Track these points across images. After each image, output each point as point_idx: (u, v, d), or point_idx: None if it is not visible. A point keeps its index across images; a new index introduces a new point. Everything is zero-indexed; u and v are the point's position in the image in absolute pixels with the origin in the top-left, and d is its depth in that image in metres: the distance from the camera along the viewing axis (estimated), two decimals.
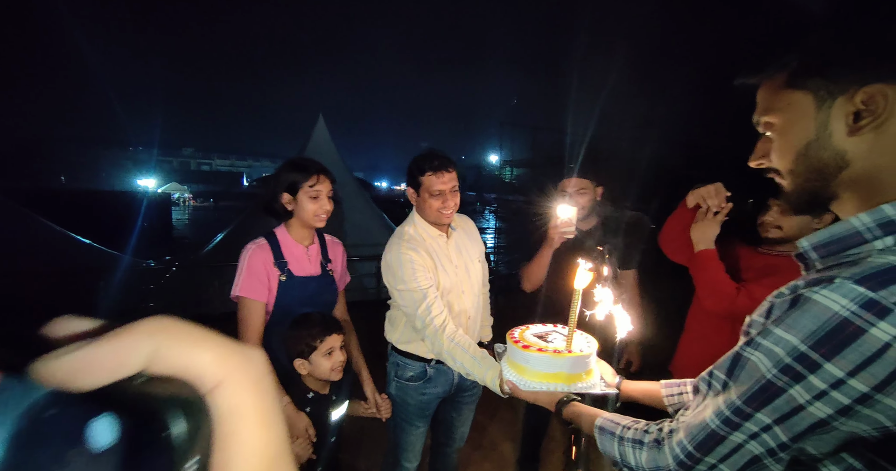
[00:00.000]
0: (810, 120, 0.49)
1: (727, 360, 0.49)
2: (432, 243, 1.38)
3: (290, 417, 1.10)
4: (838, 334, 0.40)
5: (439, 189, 1.29)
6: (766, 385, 0.44)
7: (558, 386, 0.74)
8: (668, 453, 0.51)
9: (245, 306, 1.19)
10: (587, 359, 0.76)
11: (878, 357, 0.38)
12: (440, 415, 1.56)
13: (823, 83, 0.47)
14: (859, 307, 0.39)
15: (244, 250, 1.22)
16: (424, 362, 1.41)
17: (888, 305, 0.38)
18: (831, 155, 0.48)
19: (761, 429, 0.44)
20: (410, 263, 1.26)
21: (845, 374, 0.39)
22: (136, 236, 9.06)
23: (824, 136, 0.48)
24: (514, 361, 0.78)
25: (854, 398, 0.39)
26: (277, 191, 1.23)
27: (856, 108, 0.46)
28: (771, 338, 0.44)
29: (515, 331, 0.83)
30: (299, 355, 1.15)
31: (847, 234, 0.47)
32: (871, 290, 0.39)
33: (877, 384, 0.38)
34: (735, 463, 0.46)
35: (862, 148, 0.47)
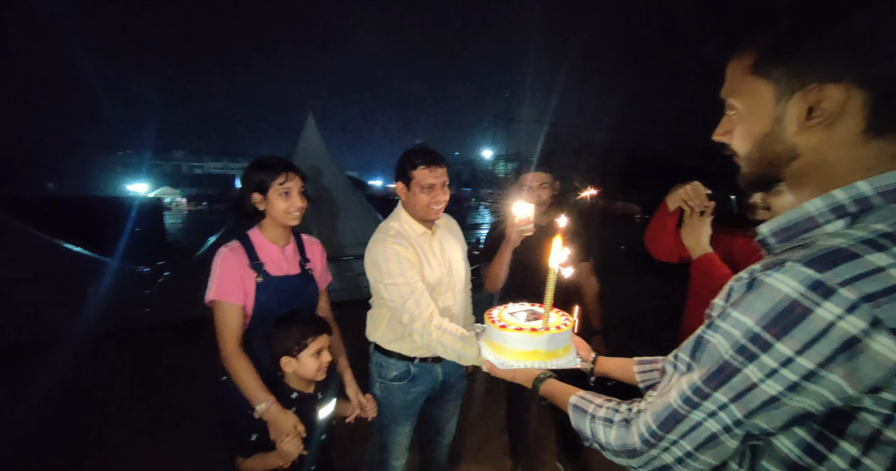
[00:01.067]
0: (767, 111, 0.51)
1: (690, 343, 0.52)
2: (417, 239, 1.37)
3: (277, 416, 1.11)
4: (788, 315, 0.41)
5: (430, 183, 1.29)
6: (723, 366, 0.46)
7: (535, 363, 0.75)
8: (635, 432, 0.54)
9: (221, 310, 1.18)
10: (563, 336, 0.77)
11: (823, 336, 0.40)
12: (425, 413, 1.55)
13: (785, 75, 0.49)
14: (806, 288, 0.41)
15: (217, 254, 1.21)
16: (408, 361, 1.40)
17: (832, 286, 0.39)
18: (783, 148, 0.51)
19: (718, 408, 0.47)
20: (397, 257, 1.26)
21: (794, 352, 0.41)
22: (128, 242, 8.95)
23: (778, 129, 0.51)
24: (493, 340, 0.79)
25: (801, 375, 0.41)
26: (247, 191, 1.22)
27: (810, 104, 0.47)
28: (729, 321, 0.46)
29: (493, 311, 0.83)
30: (286, 352, 1.14)
31: (802, 218, 0.49)
32: (817, 271, 0.40)
33: (821, 361, 0.40)
34: (694, 439, 0.49)
35: (812, 143, 0.49)
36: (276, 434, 1.10)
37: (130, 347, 3.60)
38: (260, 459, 1.12)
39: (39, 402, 2.55)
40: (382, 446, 1.48)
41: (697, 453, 0.49)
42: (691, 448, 0.49)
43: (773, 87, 0.50)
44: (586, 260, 1.87)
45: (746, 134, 0.54)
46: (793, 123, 0.49)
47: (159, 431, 2.36)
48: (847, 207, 0.46)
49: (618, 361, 0.84)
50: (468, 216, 20.51)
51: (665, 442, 0.50)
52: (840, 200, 0.47)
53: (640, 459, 0.53)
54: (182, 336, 3.84)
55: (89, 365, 3.14)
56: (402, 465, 1.50)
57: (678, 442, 0.50)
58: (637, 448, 0.53)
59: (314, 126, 5.67)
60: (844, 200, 0.46)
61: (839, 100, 0.45)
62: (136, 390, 2.83)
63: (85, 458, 2.15)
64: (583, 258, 1.85)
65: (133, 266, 5.41)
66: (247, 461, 1.12)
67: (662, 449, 0.51)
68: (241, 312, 1.21)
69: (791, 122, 0.49)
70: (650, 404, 0.54)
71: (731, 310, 0.47)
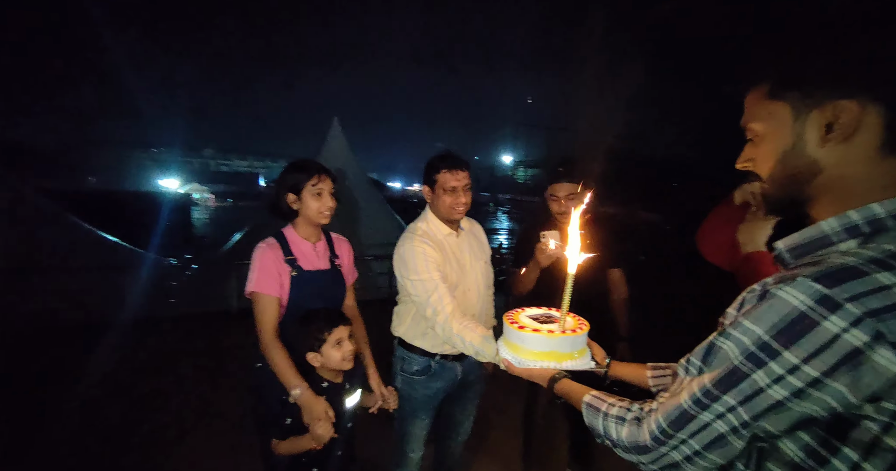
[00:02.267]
0: (788, 130, 0.53)
1: (703, 348, 0.54)
2: (443, 240, 1.44)
3: (310, 402, 1.17)
4: (796, 326, 0.44)
5: (453, 186, 1.36)
6: (733, 370, 0.48)
7: (550, 364, 0.78)
8: (645, 430, 0.56)
9: (259, 302, 1.25)
10: (579, 339, 0.79)
11: (828, 346, 0.42)
12: (443, 409, 1.61)
13: (800, 96, 0.51)
14: (815, 302, 0.43)
15: (256, 249, 1.29)
16: (429, 357, 1.46)
17: (839, 301, 0.42)
18: (805, 163, 0.53)
19: (727, 410, 0.49)
20: (423, 254, 1.33)
21: (800, 361, 0.43)
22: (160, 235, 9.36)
23: (800, 145, 0.53)
24: (510, 341, 0.81)
25: (806, 382, 0.43)
26: (282, 192, 1.30)
27: (827, 120, 0.49)
28: (740, 329, 0.49)
29: (511, 313, 0.86)
30: (310, 349, 1.21)
31: (818, 236, 0.51)
32: (826, 287, 0.43)
33: (825, 370, 0.42)
34: (702, 439, 0.51)
35: (832, 157, 0.51)
36: (309, 418, 1.16)
37: (157, 335, 3.77)
38: (294, 441, 1.19)
39: (78, 386, 2.69)
40: (401, 436, 1.55)
41: (705, 452, 0.51)
42: (699, 447, 0.51)
43: (790, 106, 0.52)
44: (617, 266, 1.85)
45: (770, 153, 0.55)
46: (813, 137, 0.51)
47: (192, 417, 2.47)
48: (861, 228, 0.48)
49: (632, 366, 0.86)
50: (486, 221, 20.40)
51: (674, 441, 0.52)
52: (854, 221, 0.48)
53: (650, 455, 0.55)
54: (205, 327, 4.01)
55: (122, 352, 3.31)
56: (418, 457, 1.56)
57: (687, 441, 0.52)
58: (647, 445, 0.55)
59: (339, 130, 5.83)
60: (858, 220, 0.48)
61: (855, 113, 0.47)
62: (164, 378, 2.96)
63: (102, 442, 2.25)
64: (613, 265, 1.84)
65: (163, 258, 5.66)
66: (282, 443, 1.19)
67: (672, 447, 0.53)
68: (278, 304, 1.27)
69: (812, 136, 0.51)
70: (662, 404, 0.56)
71: (743, 319, 0.49)
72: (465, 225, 1.54)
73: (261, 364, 1.31)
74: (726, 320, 0.54)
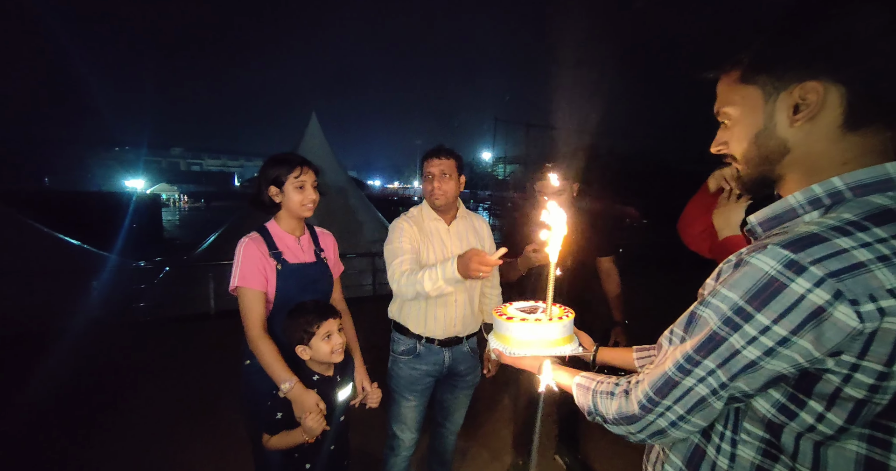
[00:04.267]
0: (759, 112, 0.57)
1: (685, 318, 0.57)
2: (430, 224, 1.52)
3: (300, 395, 1.15)
4: (767, 289, 0.47)
5: (430, 172, 1.46)
6: (712, 336, 0.51)
7: (539, 351, 0.81)
8: (633, 400, 0.59)
9: (245, 296, 1.22)
10: (565, 326, 0.82)
11: (795, 306, 0.46)
12: (437, 395, 1.67)
13: (769, 79, 0.55)
14: (783, 267, 0.46)
15: (238, 244, 1.26)
16: (415, 339, 1.52)
17: (804, 265, 0.45)
18: (776, 143, 0.56)
19: (707, 373, 0.52)
20: (400, 229, 1.47)
21: (770, 321, 0.47)
22: (126, 237, 8.92)
23: (770, 126, 0.56)
24: (500, 332, 0.84)
25: (776, 341, 0.47)
26: (264, 185, 1.28)
27: (794, 101, 0.53)
28: (718, 297, 0.52)
29: (500, 306, 0.89)
30: (299, 341, 1.19)
31: (785, 209, 0.55)
32: (792, 252, 0.46)
33: (793, 328, 0.46)
34: (686, 403, 0.54)
35: (799, 136, 0.54)
36: (300, 412, 1.14)
37: (126, 340, 3.59)
38: (285, 436, 1.16)
39: (39, 393, 2.55)
40: (391, 416, 1.59)
41: (689, 416, 0.54)
42: (683, 412, 0.54)
43: (761, 90, 0.56)
44: (608, 254, 1.90)
45: (742, 135, 0.59)
46: (783, 119, 0.54)
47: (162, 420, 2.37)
48: (822, 200, 0.52)
49: (618, 350, 0.89)
50: None
51: (660, 408, 0.55)
52: (817, 194, 0.53)
53: (638, 424, 0.58)
54: (178, 331, 3.84)
55: (87, 357, 3.13)
56: (409, 439, 1.57)
57: (672, 407, 0.55)
58: (636, 414, 0.57)
59: (318, 126, 5.70)
60: (821, 193, 0.52)
61: (819, 93, 0.51)
62: (131, 382, 2.83)
63: (86, 447, 2.15)
64: (604, 253, 1.89)
65: (130, 261, 5.39)
66: (273, 438, 1.17)
67: (658, 414, 0.56)
68: (264, 298, 1.24)
69: (781, 118, 0.54)
70: (647, 374, 0.58)
71: (721, 287, 0.52)
72: (462, 215, 1.59)
73: (249, 361, 1.28)
74: (705, 291, 0.57)
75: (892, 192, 0.49)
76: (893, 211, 0.47)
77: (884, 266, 0.44)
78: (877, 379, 0.45)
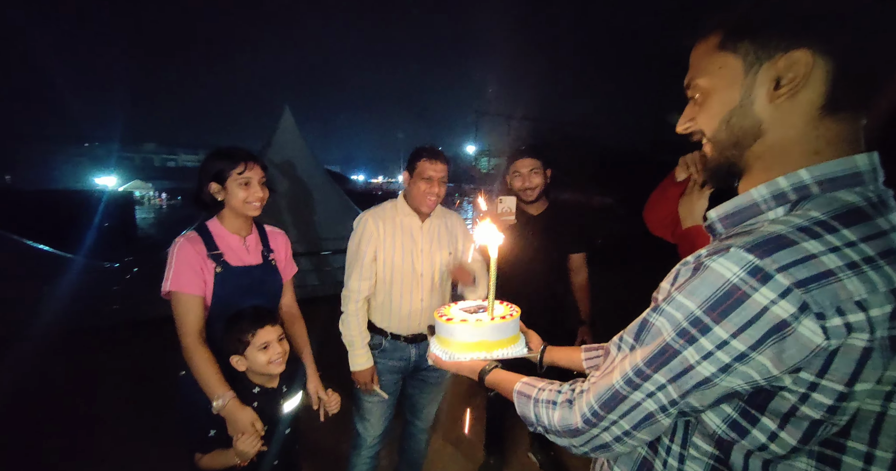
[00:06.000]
0: (737, 85, 0.51)
1: (636, 325, 0.52)
2: (403, 219, 1.51)
3: (234, 412, 1.06)
4: (727, 299, 0.43)
5: (430, 175, 1.45)
6: (664, 348, 0.47)
7: (481, 354, 0.75)
8: (577, 412, 0.55)
9: (179, 301, 1.14)
10: (508, 326, 0.77)
11: (756, 319, 0.41)
12: (406, 391, 1.67)
13: (752, 47, 0.49)
14: (746, 274, 0.42)
15: (173, 244, 1.18)
16: (381, 335, 1.54)
17: (770, 272, 0.41)
18: (750, 123, 0.51)
19: (657, 388, 0.48)
20: (363, 228, 1.48)
21: (729, 335, 0.43)
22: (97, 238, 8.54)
23: (747, 102, 0.50)
24: (441, 335, 0.79)
25: (733, 357, 0.43)
26: (204, 181, 1.20)
27: (778, 73, 0.47)
28: (673, 304, 0.47)
29: (442, 307, 0.83)
30: (234, 352, 1.12)
31: (747, 205, 0.50)
32: (757, 257, 0.42)
33: (752, 343, 0.42)
34: (633, 419, 0.50)
35: (776, 116, 0.49)
36: (233, 432, 1.06)
37: (97, 344, 3.48)
38: (219, 455, 1.09)
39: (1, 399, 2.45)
40: (354, 413, 1.58)
41: (635, 432, 0.51)
42: (629, 427, 0.51)
43: (742, 59, 0.50)
44: (579, 251, 1.89)
45: (714, 111, 0.53)
46: (762, 94, 0.49)
47: (125, 428, 2.31)
48: (788, 195, 0.48)
49: (566, 349, 0.85)
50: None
51: (605, 422, 0.52)
52: (782, 188, 0.48)
53: (581, 438, 0.54)
54: (153, 333, 3.74)
55: (53, 363, 3.02)
56: (371, 437, 1.56)
57: (618, 422, 0.51)
58: (579, 428, 0.54)
59: (291, 119, 5.54)
60: (786, 187, 0.48)
61: (806, 64, 0.45)
62: (101, 388, 2.75)
63: (50, 455, 2.09)
64: (576, 249, 1.88)
65: (100, 262, 5.19)
66: (205, 458, 1.09)
67: (603, 428, 0.52)
68: (201, 303, 1.17)
69: (760, 93, 0.49)
70: (593, 384, 0.54)
71: (676, 293, 0.47)
72: (437, 213, 1.57)
73: (184, 372, 1.21)
74: (660, 295, 0.53)
75: (860, 187, 0.45)
76: (861, 210, 0.43)
77: (853, 275, 0.40)
78: (836, 400, 0.41)
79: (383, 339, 1.53)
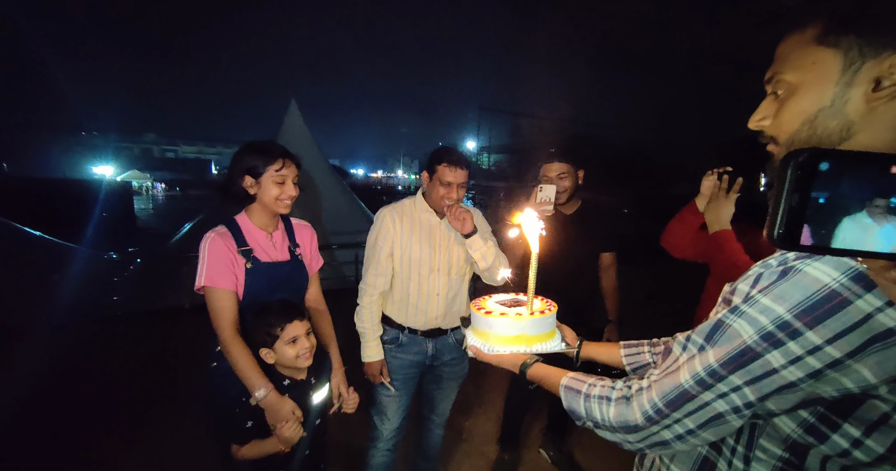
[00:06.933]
0: (831, 84, 0.47)
1: (708, 326, 0.50)
2: (421, 216, 1.51)
3: (275, 403, 1.09)
4: (824, 304, 0.41)
5: (449, 181, 1.44)
6: (744, 350, 0.45)
7: (520, 348, 0.76)
8: (636, 409, 0.53)
9: (214, 296, 1.14)
10: (547, 320, 0.78)
11: (858, 327, 0.39)
12: (423, 386, 1.67)
13: (857, 43, 0.45)
14: (849, 280, 0.40)
15: (203, 239, 1.17)
16: (398, 330, 1.54)
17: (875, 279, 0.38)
18: (839, 124, 0.47)
19: (731, 389, 0.47)
20: (382, 221, 1.49)
21: (823, 341, 0.41)
22: (96, 227, 8.48)
23: (840, 102, 0.47)
24: (478, 327, 0.79)
25: (826, 363, 0.41)
26: (238, 174, 1.17)
27: (881, 74, 0.44)
28: (757, 307, 0.45)
29: (479, 300, 0.84)
30: (262, 344, 1.13)
31: None
32: (861, 263, 0.39)
33: (850, 351, 0.40)
34: (699, 418, 0.49)
35: (869, 120, 0.46)
36: (275, 420, 1.08)
37: (98, 336, 3.44)
38: (258, 445, 1.10)
39: (5, 393, 2.41)
40: (373, 405, 1.58)
41: (699, 431, 0.49)
42: (694, 426, 0.49)
43: (843, 56, 0.45)
44: (610, 250, 1.87)
45: (799, 109, 0.49)
46: (858, 95, 0.45)
47: (134, 424, 2.28)
48: None
49: (604, 345, 0.85)
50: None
51: (668, 420, 0.51)
52: None
53: (639, 434, 0.53)
54: (154, 326, 3.71)
55: (56, 355, 2.98)
56: (388, 430, 1.56)
57: (682, 420, 0.50)
58: (639, 424, 0.53)
59: (298, 113, 5.49)
60: None
61: None
62: (105, 381, 2.71)
63: (57, 451, 2.06)
64: (607, 248, 1.86)
65: (101, 253, 5.13)
66: (244, 449, 1.10)
67: (664, 426, 0.51)
68: (235, 297, 1.17)
69: (856, 93, 0.45)
70: (655, 382, 0.53)
71: (761, 296, 0.45)
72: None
73: (216, 363, 1.20)
74: (736, 297, 0.50)
75: None
76: None
77: None
78: None
79: (400, 333, 1.52)
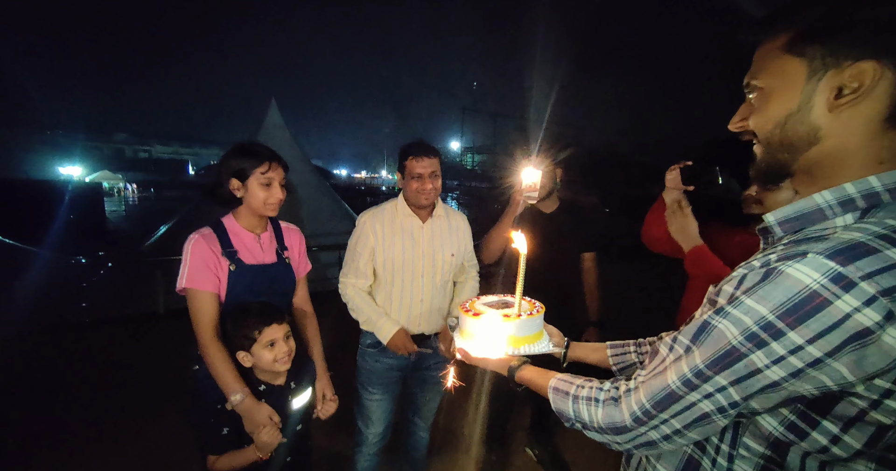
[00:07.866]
0: (797, 90, 0.49)
1: (694, 326, 0.51)
2: (403, 221, 1.48)
3: (250, 408, 1.07)
4: (805, 305, 0.42)
5: (419, 172, 1.41)
6: (729, 351, 0.46)
7: (508, 350, 0.75)
8: (625, 410, 0.54)
9: (195, 298, 1.12)
10: (535, 322, 0.78)
11: (837, 326, 0.41)
12: (407, 389, 1.65)
13: (821, 52, 0.47)
14: (828, 281, 0.41)
15: (188, 240, 1.15)
16: None
17: (854, 280, 0.40)
18: (806, 130, 0.50)
19: (717, 390, 0.48)
20: (362, 226, 1.48)
21: (805, 341, 0.42)
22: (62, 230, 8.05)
23: (805, 108, 0.49)
24: (466, 329, 0.79)
25: (807, 362, 0.42)
26: (225, 176, 1.16)
27: (841, 83, 0.46)
28: (741, 308, 0.46)
29: (466, 302, 0.84)
30: (240, 347, 1.10)
31: (810, 209, 0.50)
32: (840, 264, 0.41)
33: (829, 350, 0.41)
34: (685, 418, 0.50)
35: (835, 126, 0.48)
36: (252, 426, 1.06)
37: (63, 343, 3.27)
38: (235, 455, 1.07)
39: None
40: (356, 411, 1.57)
41: (685, 431, 0.50)
42: (680, 426, 0.50)
43: (807, 64, 0.48)
44: (591, 250, 1.87)
45: (771, 114, 0.52)
46: (821, 102, 0.48)
47: (100, 431, 2.19)
48: (856, 202, 0.47)
49: (590, 346, 0.85)
50: None
51: (656, 420, 0.51)
52: (850, 194, 0.47)
53: (627, 435, 0.54)
54: (124, 332, 3.55)
55: (18, 362, 2.82)
56: (373, 434, 1.54)
57: (669, 421, 0.51)
58: (626, 425, 0.54)
59: (278, 113, 5.38)
60: (854, 194, 0.47)
61: (872, 77, 0.44)
62: (68, 389, 2.59)
63: (24, 460, 1.94)
64: (588, 248, 1.86)
65: (67, 257, 4.88)
66: (221, 459, 1.06)
67: (652, 427, 0.52)
68: (217, 300, 1.16)
69: (819, 100, 0.48)
70: (643, 383, 0.54)
71: (745, 297, 0.46)
72: (440, 213, 1.54)
73: (198, 366, 1.18)
74: (721, 298, 0.51)
75: None
76: None
77: None
78: None
79: None
